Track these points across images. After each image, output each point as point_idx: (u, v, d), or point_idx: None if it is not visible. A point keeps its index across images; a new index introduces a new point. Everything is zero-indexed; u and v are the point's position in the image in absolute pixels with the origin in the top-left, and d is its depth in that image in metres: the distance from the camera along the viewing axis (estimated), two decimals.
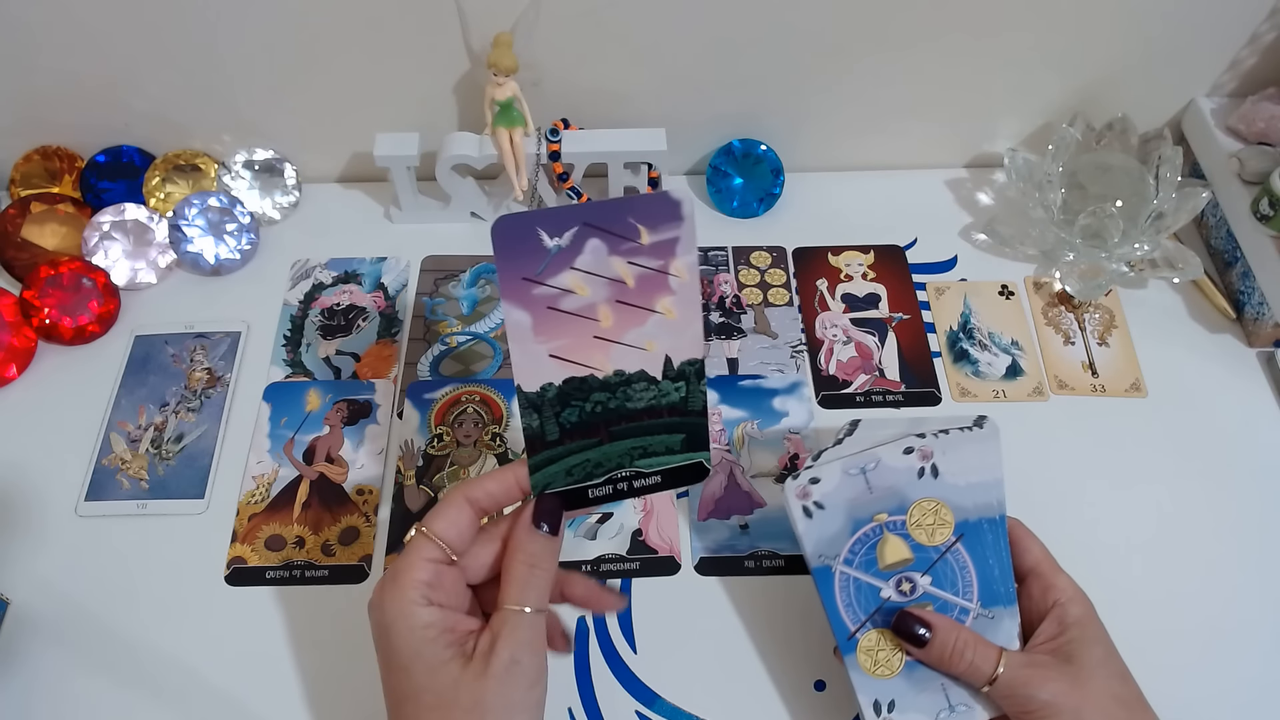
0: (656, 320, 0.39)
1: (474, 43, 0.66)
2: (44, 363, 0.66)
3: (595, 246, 0.37)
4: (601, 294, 0.38)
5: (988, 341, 0.68)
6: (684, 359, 0.40)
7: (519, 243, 0.36)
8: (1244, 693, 0.53)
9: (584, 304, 0.38)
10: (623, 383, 0.40)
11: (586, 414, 0.40)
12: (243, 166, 0.74)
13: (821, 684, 0.53)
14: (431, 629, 0.38)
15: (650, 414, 0.41)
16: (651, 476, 0.42)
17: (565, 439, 0.40)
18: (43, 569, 0.57)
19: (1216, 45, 0.70)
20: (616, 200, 0.38)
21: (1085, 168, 0.69)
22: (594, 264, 0.37)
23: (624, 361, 0.39)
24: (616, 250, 0.37)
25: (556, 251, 0.37)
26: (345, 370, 0.66)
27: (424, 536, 0.40)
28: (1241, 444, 0.63)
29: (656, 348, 0.39)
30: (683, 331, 0.39)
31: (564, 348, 0.38)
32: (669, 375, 0.40)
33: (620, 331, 0.39)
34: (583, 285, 0.38)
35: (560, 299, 0.38)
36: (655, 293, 0.38)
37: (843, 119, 0.74)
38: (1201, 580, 0.57)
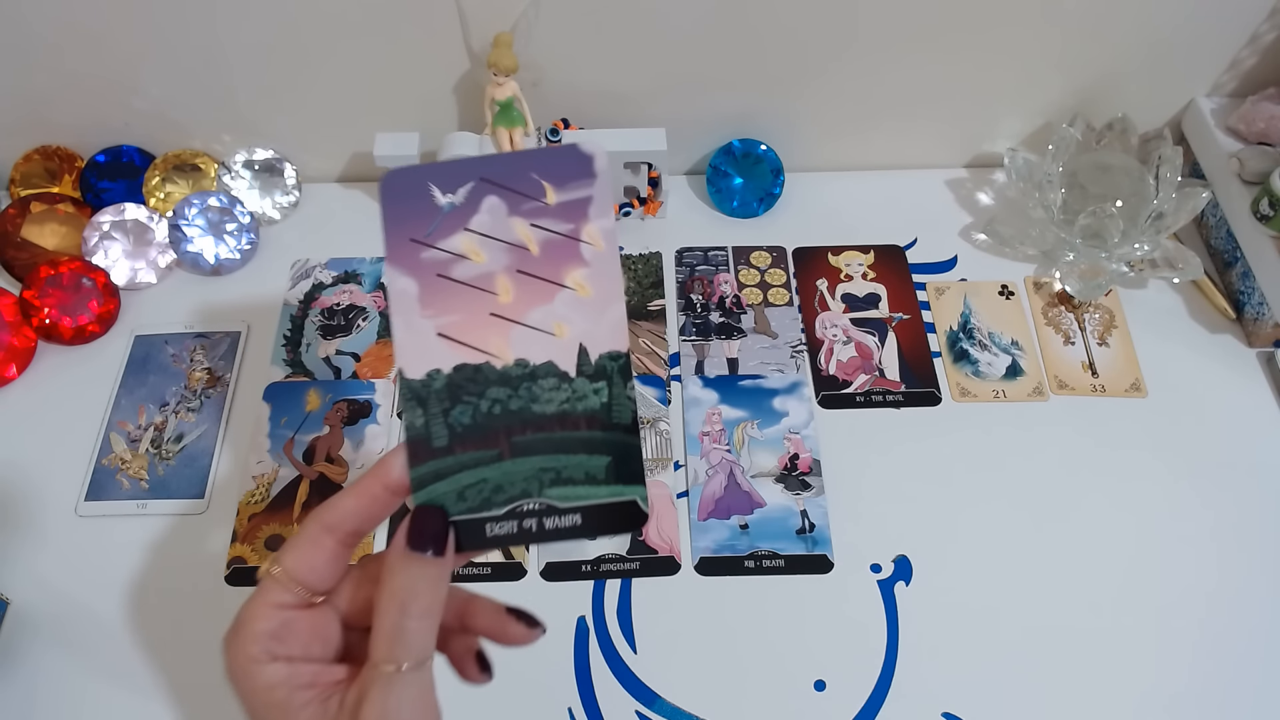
0: (567, 298, 0.33)
1: (474, 43, 0.66)
2: (44, 363, 0.66)
3: (493, 205, 0.32)
4: (500, 261, 0.32)
5: (988, 341, 0.68)
6: (603, 351, 0.33)
7: (409, 199, 0.32)
8: (1244, 692, 0.53)
9: (479, 273, 0.32)
10: (526, 376, 0.33)
11: (482, 415, 0.32)
12: (243, 166, 0.74)
13: (821, 684, 0.53)
14: (278, 689, 0.31)
15: (564, 423, 0.33)
16: (568, 514, 0.33)
17: (456, 446, 0.32)
18: (43, 569, 0.57)
19: (1216, 45, 0.70)
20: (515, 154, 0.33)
21: (1085, 168, 0.69)
22: (491, 226, 0.32)
23: (528, 348, 0.33)
24: (517, 210, 0.32)
25: (449, 210, 0.32)
26: (345, 370, 0.66)
27: (270, 577, 0.32)
28: (1241, 444, 0.63)
29: (568, 333, 0.33)
30: (600, 314, 0.33)
31: (454, 325, 0.32)
32: (585, 371, 0.33)
33: (522, 309, 0.33)
34: (477, 250, 0.32)
35: (451, 265, 0.32)
36: (564, 263, 0.33)
37: (843, 119, 0.74)
38: (1201, 580, 0.57)
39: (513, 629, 0.35)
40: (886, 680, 0.53)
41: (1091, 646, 0.55)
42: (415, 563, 0.31)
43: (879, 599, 0.56)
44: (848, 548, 0.58)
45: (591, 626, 0.55)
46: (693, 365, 0.66)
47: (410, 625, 0.31)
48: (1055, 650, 0.55)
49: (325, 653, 0.33)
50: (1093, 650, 0.55)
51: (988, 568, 0.58)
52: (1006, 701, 0.53)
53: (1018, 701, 0.53)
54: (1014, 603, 0.56)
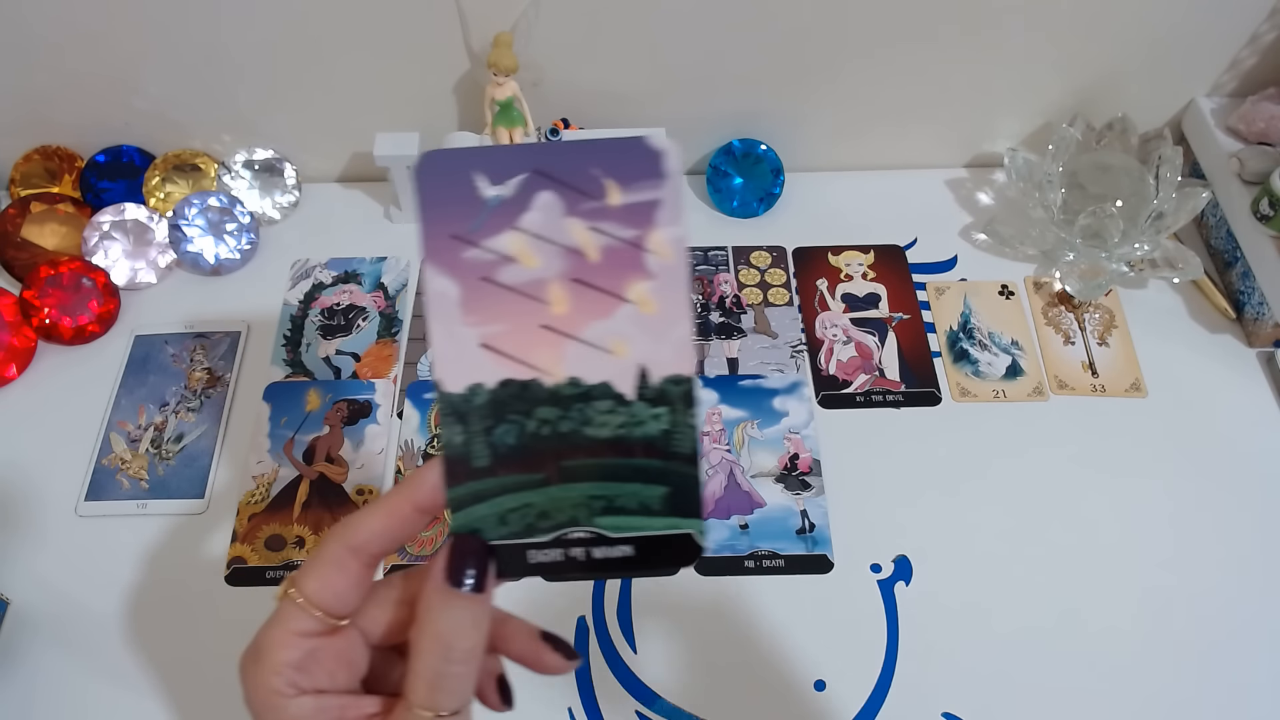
0: (628, 313, 0.29)
1: (474, 43, 0.66)
2: (44, 363, 0.66)
3: (547, 202, 0.29)
4: (554, 267, 0.29)
5: (988, 341, 0.68)
6: (666, 374, 0.30)
7: (450, 188, 0.29)
8: (1244, 692, 0.53)
9: (530, 279, 0.29)
10: (579, 396, 0.30)
11: (528, 436, 0.30)
12: (243, 166, 0.74)
13: (821, 684, 0.53)
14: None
15: (618, 449, 0.30)
16: (619, 545, 0.30)
17: (499, 468, 0.30)
18: (43, 569, 0.57)
19: (1216, 45, 0.70)
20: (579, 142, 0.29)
21: (1085, 168, 0.69)
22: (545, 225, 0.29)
23: (582, 366, 0.29)
24: (575, 210, 0.29)
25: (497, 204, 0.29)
26: (345, 370, 0.66)
27: (290, 602, 0.30)
28: (1241, 444, 0.63)
29: (628, 353, 0.29)
30: (665, 334, 0.30)
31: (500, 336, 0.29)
32: (645, 395, 0.30)
33: (578, 323, 0.29)
34: (529, 252, 0.29)
35: (498, 268, 0.29)
36: (626, 274, 0.29)
37: (843, 119, 0.74)
38: (1201, 580, 0.57)
39: (548, 658, 0.32)
40: (886, 680, 0.53)
41: (1091, 646, 0.55)
42: (457, 602, 0.29)
43: (879, 599, 0.56)
44: (848, 548, 0.58)
45: (591, 626, 0.55)
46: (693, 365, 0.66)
47: (453, 671, 0.29)
48: (1055, 650, 0.55)
49: (351, 680, 0.31)
50: (1092, 649, 0.55)
51: (988, 567, 0.58)
52: (1006, 701, 0.53)
53: (1017, 701, 0.53)
54: (1014, 602, 0.56)
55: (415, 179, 0.29)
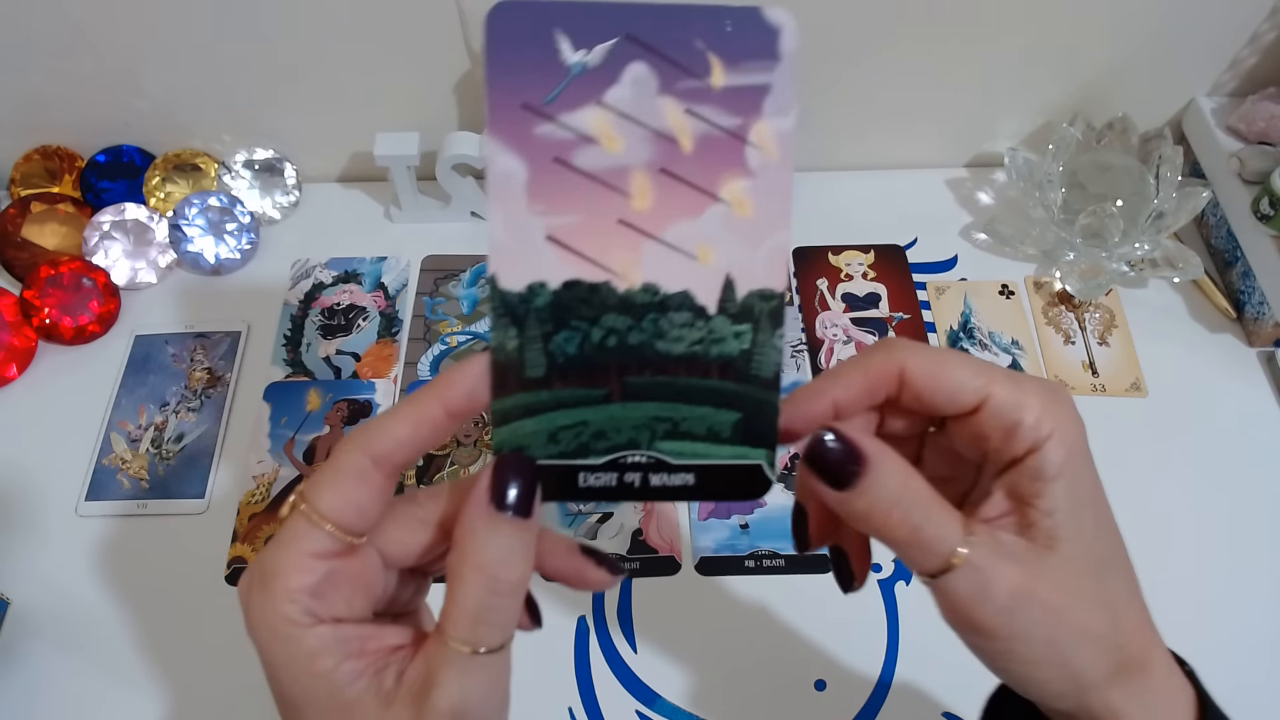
0: (720, 214, 0.26)
1: (474, 43, 0.66)
2: (44, 363, 0.66)
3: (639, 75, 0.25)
4: (640, 154, 0.25)
5: (988, 341, 0.68)
6: (755, 287, 0.26)
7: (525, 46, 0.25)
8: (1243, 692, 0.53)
9: (610, 165, 0.25)
10: (654, 305, 0.26)
11: (592, 346, 0.26)
12: (243, 166, 0.74)
13: (822, 684, 0.53)
14: (325, 657, 0.26)
15: (691, 367, 0.27)
16: (680, 473, 0.28)
17: (555, 380, 0.27)
18: (43, 569, 0.57)
19: (1216, 45, 0.70)
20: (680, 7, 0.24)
21: (1085, 167, 0.69)
22: (633, 103, 0.25)
23: (661, 271, 0.26)
24: (670, 88, 0.25)
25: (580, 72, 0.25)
26: (345, 370, 0.66)
27: (304, 519, 0.26)
28: (1241, 444, 0.63)
29: (714, 259, 0.26)
30: (758, 241, 0.26)
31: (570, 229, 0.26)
32: (728, 310, 0.26)
33: (661, 221, 0.26)
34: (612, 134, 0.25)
35: (574, 149, 0.25)
36: (723, 169, 0.26)
37: (843, 119, 0.74)
38: (1202, 579, 0.57)
39: (591, 572, 0.29)
40: (886, 680, 0.53)
41: None
42: (504, 528, 0.26)
43: (879, 599, 0.56)
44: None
45: (591, 626, 0.55)
46: None
47: (498, 604, 0.26)
48: None
49: (368, 608, 0.28)
50: None
51: None
52: None
53: None
54: None
55: (486, 32, 0.25)
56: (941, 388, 0.27)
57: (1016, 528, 0.28)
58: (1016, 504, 0.28)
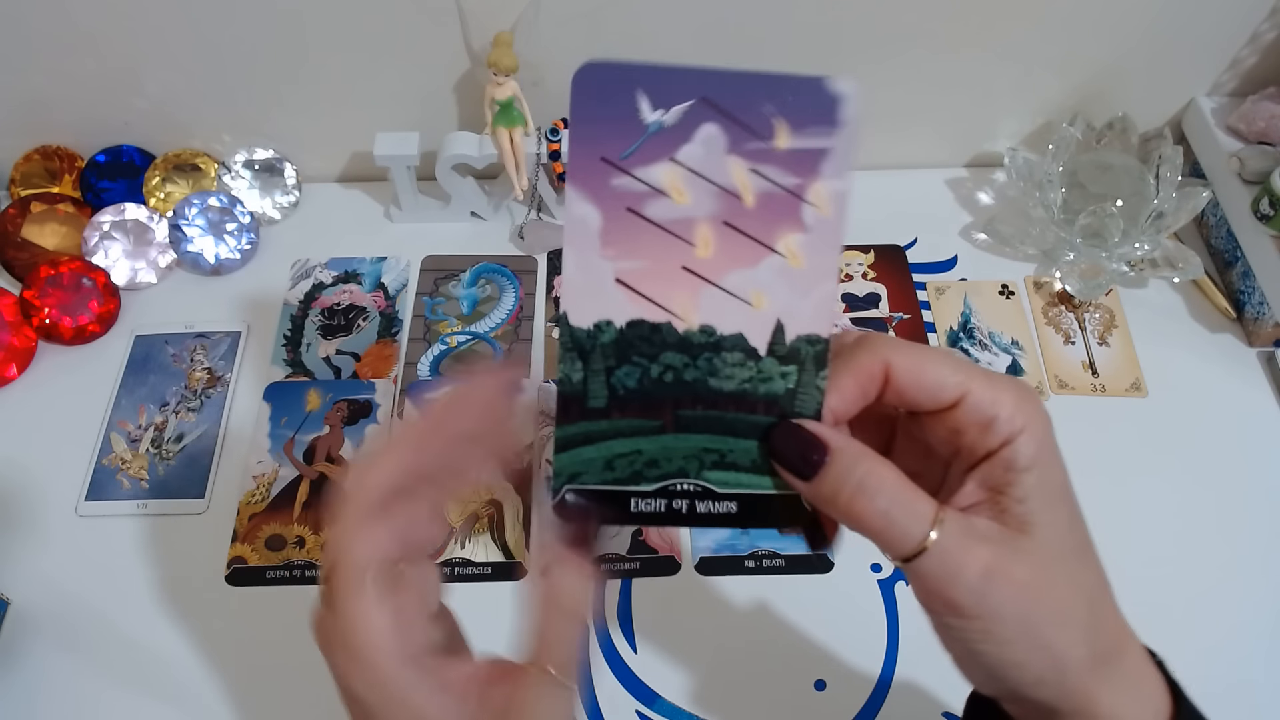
0: (774, 265, 0.28)
1: (474, 43, 0.66)
2: (44, 363, 0.66)
3: (710, 135, 0.27)
4: (705, 207, 0.28)
5: (988, 341, 0.68)
6: (803, 332, 0.29)
7: (608, 104, 0.27)
8: (1243, 692, 0.53)
9: (678, 216, 0.28)
10: (709, 345, 0.29)
11: (650, 381, 0.29)
12: (243, 166, 0.74)
13: (822, 684, 0.53)
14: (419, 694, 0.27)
15: (740, 404, 0.29)
16: (724, 501, 0.30)
17: (614, 410, 0.29)
18: (43, 569, 0.57)
19: (1216, 45, 0.70)
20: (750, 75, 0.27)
21: (1085, 167, 0.69)
22: (703, 161, 0.27)
23: (718, 315, 0.28)
24: (738, 148, 0.27)
25: (656, 130, 0.27)
26: (345, 370, 0.66)
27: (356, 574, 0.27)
28: (1241, 444, 0.63)
29: (767, 305, 0.29)
30: (808, 290, 0.29)
31: (638, 273, 0.28)
32: (777, 352, 0.29)
33: (721, 269, 0.28)
34: (682, 188, 0.28)
35: (647, 201, 0.28)
36: (781, 223, 0.28)
37: None
38: (1201, 579, 0.57)
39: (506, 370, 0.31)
40: (886, 680, 0.53)
41: None
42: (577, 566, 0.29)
43: (879, 599, 0.56)
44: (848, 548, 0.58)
45: (591, 626, 0.55)
46: None
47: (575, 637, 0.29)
48: None
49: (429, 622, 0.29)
50: None
51: None
52: None
53: None
54: None
55: (573, 88, 0.27)
56: (924, 384, 0.29)
57: (990, 514, 0.29)
58: (990, 493, 0.29)
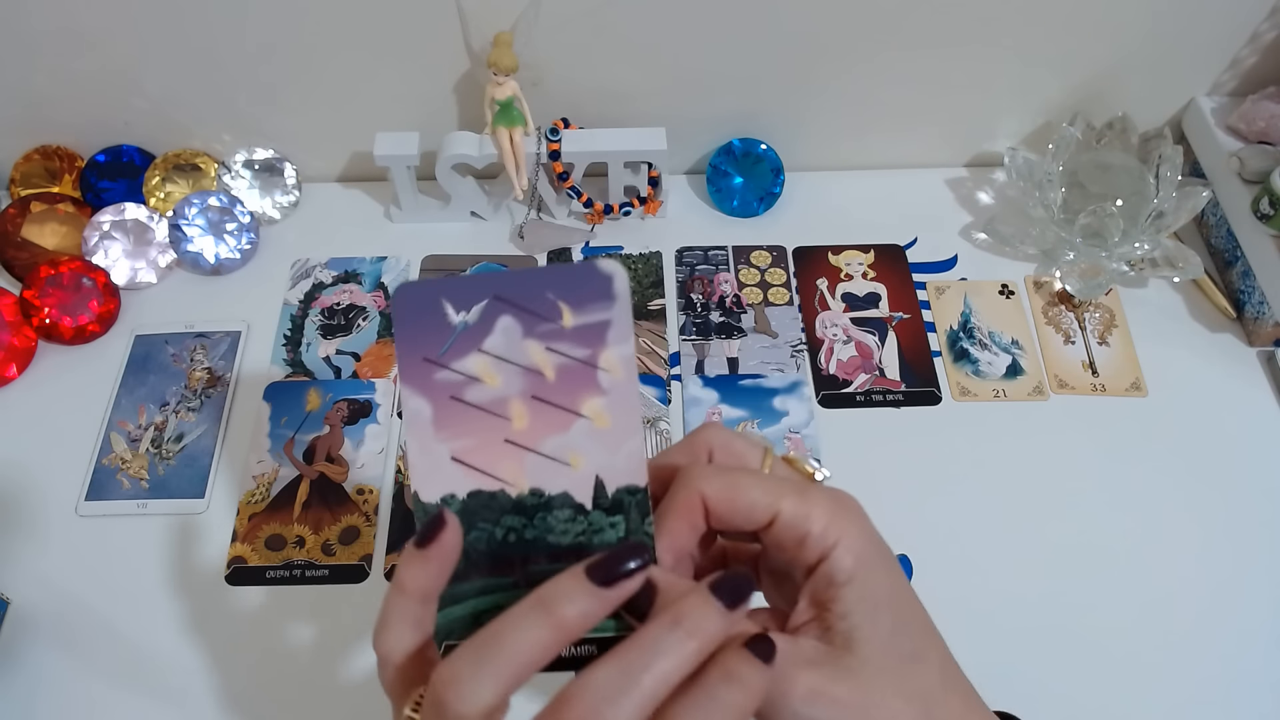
0: (583, 427, 0.31)
1: (474, 42, 0.66)
2: (44, 362, 0.66)
3: (507, 326, 0.31)
4: (514, 386, 0.31)
5: (988, 341, 0.68)
6: (621, 485, 0.31)
7: (422, 315, 0.31)
8: (1245, 690, 0.53)
9: (493, 397, 0.31)
10: (540, 506, 0.32)
11: (497, 542, 0.32)
12: (243, 166, 0.74)
13: None
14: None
15: (579, 554, 0.31)
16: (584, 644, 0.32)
17: (472, 572, 0.32)
18: (43, 569, 0.57)
19: (1216, 44, 0.70)
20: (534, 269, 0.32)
21: (1085, 167, 0.69)
22: (505, 347, 0.31)
23: (542, 478, 0.31)
24: (532, 332, 0.31)
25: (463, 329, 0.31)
26: (345, 370, 0.66)
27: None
28: (1241, 444, 0.63)
29: (583, 465, 0.32)
30: (617, 446, 0.32)
31: (469, 450, 0.31)
32: (601, 505, 0.32)
33: (537, 437, 0.31)
34: (491, 373, 0.31)
35: (465, 388, 0.31)
36: (581, 391, 0.31)
37: (843, 119, 0.74)
38: (1202, 579, 0.57)
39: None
40: None
41: (1091, 644, 0.55)
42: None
43: None
44: None
45: None
46: (693, 365, 0.66)
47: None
48: (1054, 649, 0.55)
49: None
50: (1093, 648, 0.55)
51: (987, 567, 0.58)
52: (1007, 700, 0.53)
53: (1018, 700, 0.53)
54: (1013, 602, 0.56)
55: (394, 308, 0.31)
56: (737, 509, 0.31)
57: (816, 632, 0.30)
58: (817, 610, 0.31)
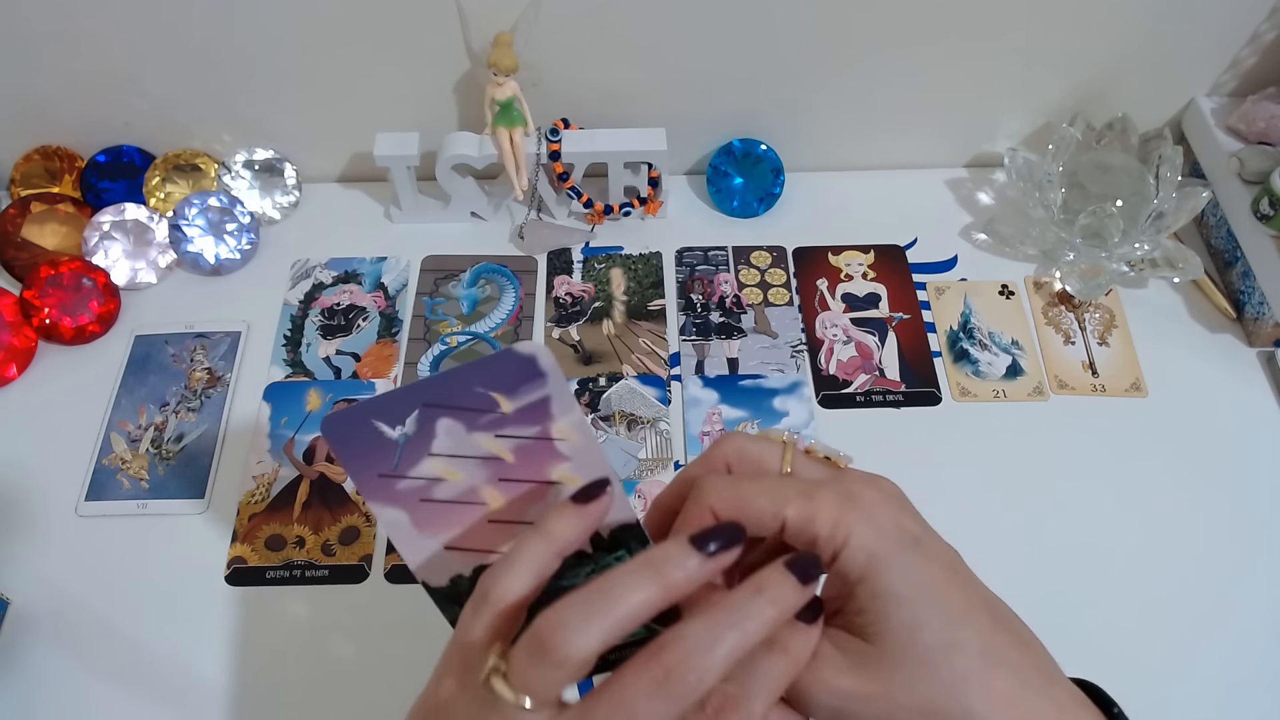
0: (561, 491, 0.32)
1: (474, 43, 0.66)
2: (44, 363, 0.66)
3: (448, 427, 0.31)
4: (479, 475, 0.31)
5: (988, 341, 0.68)
6: (614, 524, 0.32)
7: (359, 439, 0.31)
8: (1245, 689, 0.53)
9: (462, 489, 0.32)
10: None
11: None
12: (243, 166, 0.74)
13: None
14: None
15: None
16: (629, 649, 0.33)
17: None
18: (43, 569, 0.57)
19: (1216, 45, 0.70)
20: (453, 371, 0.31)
21: (1085, 167, 0.69)
22: (455, 446, 0.31)
23: None
24: (476, 426, 0.31)
25: (405, 441, 0.31)
26: (345, 370, 0.66)
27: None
28: (1241, 444, 0.63)
29: None
30: None
31: (459, 538, 0.32)
32: (602, 546, 0.33)
33: (519, 510, 0.32)
34: (451, 470, 0.31)
35: (432, 489, 0.31)
36: (545, 463, 0.31)
37: (843, 119, 0.74)
38: (1202, 579, 0.57)
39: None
40: None
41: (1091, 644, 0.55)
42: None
43: None
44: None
45: None
46: (693, 365, 0.66)
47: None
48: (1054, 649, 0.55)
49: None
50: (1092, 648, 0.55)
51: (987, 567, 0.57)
52: None
53: None
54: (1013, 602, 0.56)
55: (328, 440, 0.31)
56: (747, 519, 0.30)
57: (841, 627, 0.31)
58: (836, 607, 0.31)
